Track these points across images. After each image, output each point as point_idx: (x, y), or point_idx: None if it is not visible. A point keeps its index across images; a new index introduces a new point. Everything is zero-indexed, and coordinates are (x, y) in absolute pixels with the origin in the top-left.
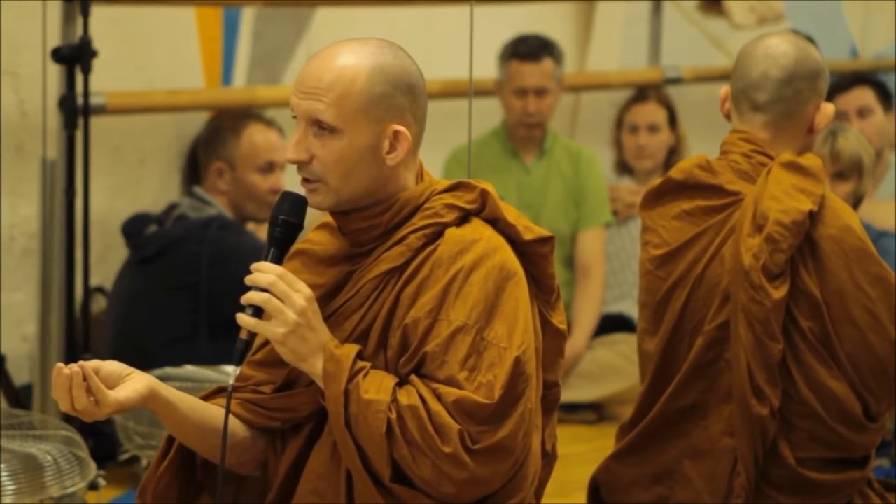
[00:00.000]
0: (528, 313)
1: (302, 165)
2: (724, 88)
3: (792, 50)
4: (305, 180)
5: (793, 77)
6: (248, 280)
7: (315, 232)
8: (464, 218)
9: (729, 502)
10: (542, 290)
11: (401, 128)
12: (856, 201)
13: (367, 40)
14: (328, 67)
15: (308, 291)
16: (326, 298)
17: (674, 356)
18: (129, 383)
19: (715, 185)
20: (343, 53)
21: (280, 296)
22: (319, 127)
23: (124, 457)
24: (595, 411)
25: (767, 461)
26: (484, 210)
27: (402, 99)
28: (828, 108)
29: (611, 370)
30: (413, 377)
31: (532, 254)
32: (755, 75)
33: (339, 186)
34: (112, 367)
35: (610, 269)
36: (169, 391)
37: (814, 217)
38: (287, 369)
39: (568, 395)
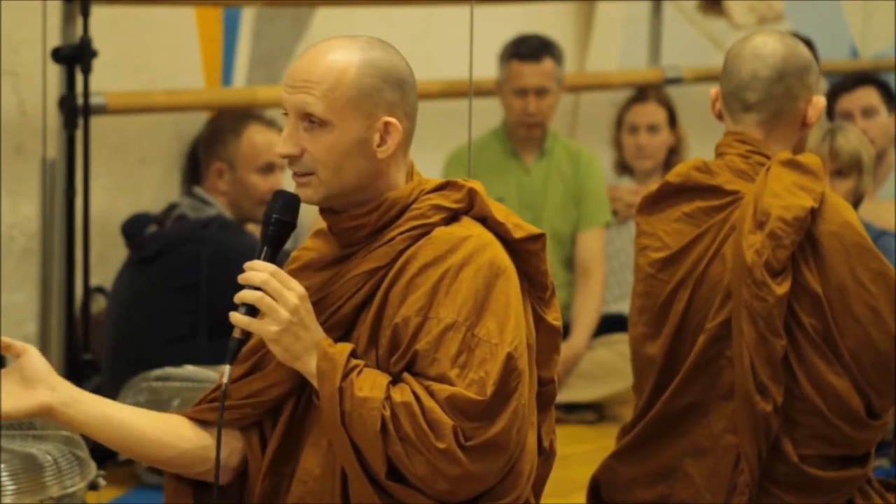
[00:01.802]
0: (520, 309)
1: (293, 160)
2: (713, 89)
3: (779, 48)
4: (296, 174)
5: (782, 75)
6: (241, 279)
7: (310, 239)
8: (452, 217)
9: (732, 500)
10: (536, 287)
11: (392, 119)
12: (856, 200)
13: (355, 36)
14: (318, 61)
15: (301, 290)
16: (313, 299)
17: (677, 356)
18: (28, 396)
19: (713, 186)
20: (333, 48)
21: (273, 294)
22: (309, 121)
23: (124, 457)
24: (595, 411)
25: (770, 458)
26: (472, 209)
27: (391, 93)
28: (819, 102)
29: (611, 370)
30: (406, 375)
31: (523, 251)
32: (744, 76)
33: (329, 179)
34: (34, 366)
35: (610, 269)
36: (83, 409)
37: (814, 214)
38: (253, 359)
39: (568, 395)
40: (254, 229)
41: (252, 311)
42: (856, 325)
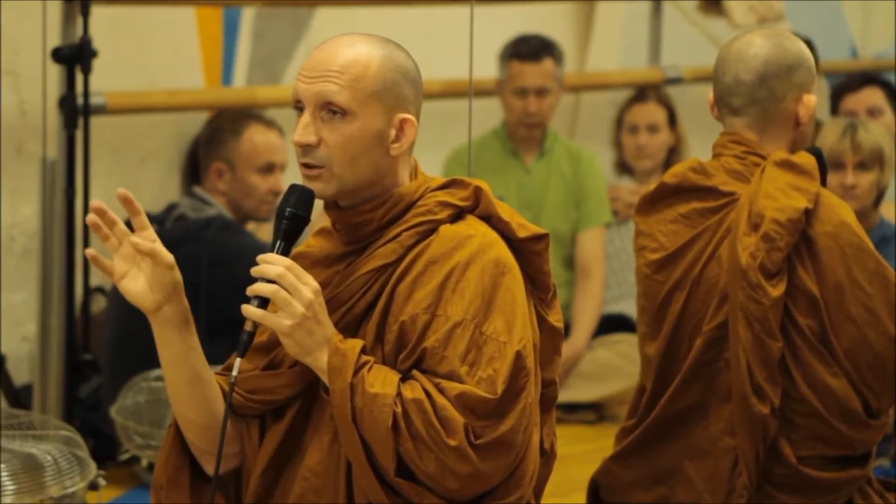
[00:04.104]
0: (525, 307)
1: (307, 150)
2: (710, 93)
3: (762, 50)
4: (307, 166)
5: (764, 77)
6: (255, 271)
7: (313, 237)
8: (458, 215)
9: (731, 502)
10: (538, 288)
11: (409, 116)
12: (879, 193)
13: (370, 34)
14: (340, 52)
15: (315, 285)
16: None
17: (674, 358)
18: (146, 291)
19: (709, 187)
20: (353, 42)
21: (288, 288)
22: (329, 110)
23: (124, 457)
24: (595, 411)
25: (768, 460)
26: (478, 207)
27: (408, 90)
28: (809, 100)
29: (611, 370)
30: (415, 372)
31: (526, 251)
32: (728, 80)
33: (343, 172)
34: (164, 273)
35: (610, 269)
36: (169, 337)
37: (809, 214)
38: (269, 356)
39: (568, 395)
40: (254, 229)
41: (264, 304)
42: (851, 326)
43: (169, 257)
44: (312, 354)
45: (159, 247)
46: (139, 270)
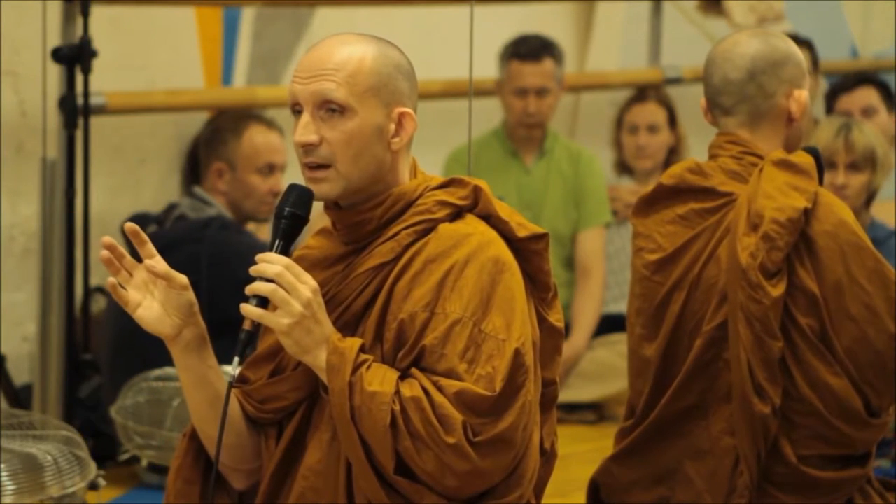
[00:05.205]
0: (524, 305)
1: (309, 150)
2: (702, 98)
3: (749, 48)
4: (311, 168)
5: (752, 73)
6: (254, 270)
7: (313, 238)
8: (456, 214)
9: (731, 501)
10: (538, 287)
11: (407, 110)
12: (870, 195)
13: (361, 33)
14: (333, 51)
15: (314, 283)
16: (323, 297)
17: (673, 359)
18: (163, 317)
19: (707, 188)
20: (346, 40)
21: (286, 287)
22: (328, 109)
23: (124, 457)
24: (595, 411)
25: (769, 460)
26: (477, 206)
27: (404, 84)
28: (800, 96)
29: (611, 370)
30: (414, 370)
31: (526, 251)
32: (716, 81)
33: (348, 170)
34: (179, 295)
35: (610, 269)
36: (201, 356)
37: (808, 214)
38: (273, 363)
39: (568, 394)
40: (254, 229)
41: (263, 303)
42: (852, 324)
43: (183, 279)
44: (311, 353)
45: (173, 270)
46: (153, 298)
